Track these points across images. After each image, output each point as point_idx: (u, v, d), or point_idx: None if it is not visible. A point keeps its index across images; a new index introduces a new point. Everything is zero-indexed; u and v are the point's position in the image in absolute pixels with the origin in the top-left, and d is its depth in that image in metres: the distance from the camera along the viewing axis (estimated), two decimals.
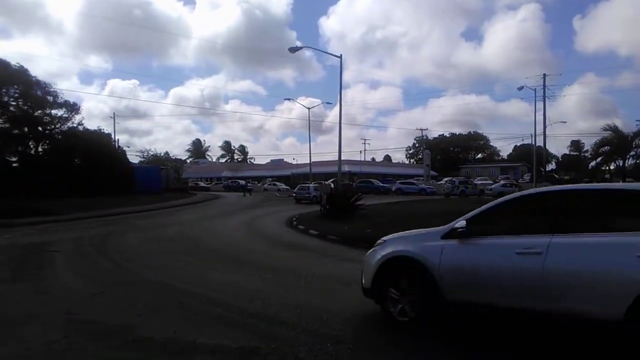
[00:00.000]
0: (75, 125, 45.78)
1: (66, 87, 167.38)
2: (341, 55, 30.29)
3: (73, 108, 45.98)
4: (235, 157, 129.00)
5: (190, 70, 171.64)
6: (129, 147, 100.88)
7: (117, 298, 8.00)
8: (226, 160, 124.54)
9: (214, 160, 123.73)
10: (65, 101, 45.33)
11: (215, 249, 14.08)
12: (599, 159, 30.81)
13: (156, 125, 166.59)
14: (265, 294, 8.07)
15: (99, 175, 40.20)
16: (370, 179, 60.69)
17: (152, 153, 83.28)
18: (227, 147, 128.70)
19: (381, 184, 57.68)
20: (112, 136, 60.11)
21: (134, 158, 69.31)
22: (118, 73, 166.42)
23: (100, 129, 54.48)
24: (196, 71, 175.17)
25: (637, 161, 29.20)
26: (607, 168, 30.52)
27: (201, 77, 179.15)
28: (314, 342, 5.53)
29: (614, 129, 30.09)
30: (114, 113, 68.65)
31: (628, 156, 28.72)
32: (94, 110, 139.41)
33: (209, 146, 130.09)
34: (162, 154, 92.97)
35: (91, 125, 69.98)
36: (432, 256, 5.88)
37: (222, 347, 5.41)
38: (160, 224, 22.01)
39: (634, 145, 28.64)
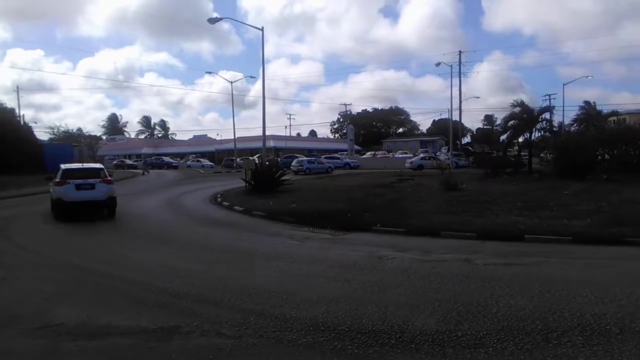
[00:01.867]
0: None
1: None
2: (262, 27, 29.63)
3: None
4: (156, 133, 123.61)
5: (99, 41, 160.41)
6: (36, 123, 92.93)
7: (24, 283, 7.48)
8: (146, 137, 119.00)
9: (133, 136, 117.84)
10: None
11: (136, 227, 13.52)
12: (509, 132, 32.57)
13: (66, 100, 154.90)
14: (187, 272, 7.87)
15: (1, 154, 37.00)
16: (296, 154, 60.78)
17: (63, 129, 77.72)
18: (146, 122, 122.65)
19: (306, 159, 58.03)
20: (17, 111, 55.42)
21: (42, 135, 64.32)
22: (19, 42, 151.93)
23: (1, 104, 49.96)
24: (106, 42, 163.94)
25: (543, 134, 31.32)
26: (517, 141, 32.48)
27: (113, 48, 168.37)
28: (236, 317, 5.50)
29: (521, 104, 31.99)
30: (17, 86, 63.16)
31: (534, 129, 30.72)
32: None
33: (127, 122, 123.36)
34: (74, 131, 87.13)
35: None
36: None
37: (140, 328, 5.24)
38: None
39: (539, 119, 30.67)
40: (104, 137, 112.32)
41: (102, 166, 18.07)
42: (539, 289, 6.38)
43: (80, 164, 19.85)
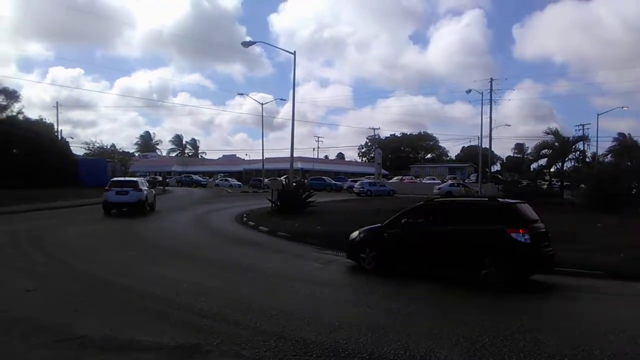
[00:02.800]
0: (14, 113, 43.42)
1: (3, 75, 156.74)
2: (295, 52, 30.19)
3: (12, 96, 43.59)
4: (187, 152, 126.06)
5: (135, 61, 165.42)
6: (72, 138, 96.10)
7: (53, 294, 7.65)
8: (177, 155, 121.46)
9: (164, 154, 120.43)
10: (4, 88, 42.91)
11: (162, 244, 13.71)
12: (541, 161, 32.04)
13: (101, 117, 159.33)
14: (210, 290, 7.92)
15: (39, 167, 38.27)
16: (323, 177, 60.84)
17: (97, 145, 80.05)
18: (178, 140, 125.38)
19: (333, 182, 57.89)
20: (55, 127, 57.39)
21: (78, 150, 66.22)
22: (60, 61, 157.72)
23: (41, 119, 51.87)
24: (142, 63, 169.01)
25: (575, 164, 30.67)
26: (548, 170, 31.86)
27: (148, 69, 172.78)
28: (257, 339, 5.47)
29: (555, 133, 31.44)
30: (56, 102, 65.31)
31: (567, 159, 30.12)
32: (35, 99, 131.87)
33: (160, 140, 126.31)
34: (108, 147, 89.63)
35: (32, 114, 66.15)
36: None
37: (161, 345, 5.27)
38: (104, 218, 21.20)
39: (572, 149, 30.06)
40: (136, 154, 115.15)
41: (137, 179, 24.82)
42: (570, 324, 6.18)
43: (123, 178, 27.68)
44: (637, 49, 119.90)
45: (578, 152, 30.43)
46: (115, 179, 25.27)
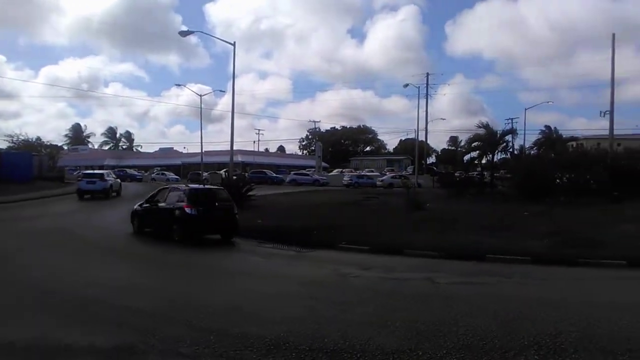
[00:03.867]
0: None
1: None
2: (234, 42, 29.69)
3: None
4: (121, 145, 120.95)
5: (63, 49, 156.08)
6: None
7: None
8: (110, 148, 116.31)
9: (96, 147, 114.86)
10: None
11: (94, 242, 13.13)
12: (473, 153, 33.45)
13: (26, 108, 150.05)
14: (146, 289, 7.69)
15: None
16: (264, 170, 60.18)
17: (22, 138, 75.18)
18: (111, 133, 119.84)
19: (275, 175, 57.22)
20: None
21: (0, 143, 62.00)
22: None
23: None
24: (70, 51, 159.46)
25: (505, 156, 32.35)
26: (479, 162, 33.36)
27: (76, 57, 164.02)
28: (196, 336, 5.36)
29: (486, 126, 32.92)
30: None
31: (497, 151, 31.65)
32: None
33: (92, 133, 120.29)
34: (33, 140, 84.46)
35: None
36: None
37: (96, 347, 5.04)
38: (29, 216, 19.98)
39: (502, 142, 31.63)
40: (65, 147, 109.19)
41: (103, 172, 33.07)
42: (498, 308, 6.51)
43: (92, 171, 37.48)
44: (559, 47, 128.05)
45: (506, 145, 32.06)
46: (86, 171, 35.93)
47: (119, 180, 33.61)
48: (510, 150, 32.62)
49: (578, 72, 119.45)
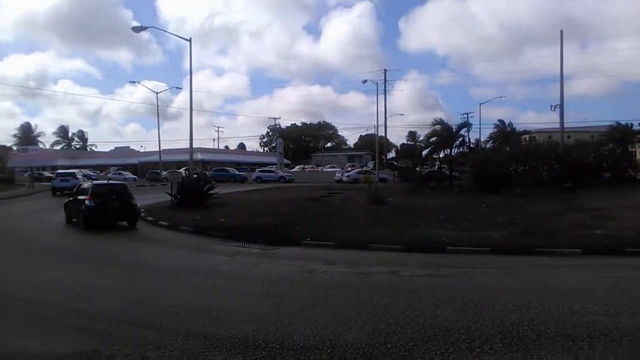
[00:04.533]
0: None
1: None
2: (190, 38, 29.07)
3: None
4: (73, 144, 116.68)
5: (6, 46, 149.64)
6: None
7: None
8: (62, 147, 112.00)
9: (47, 147, 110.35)
10: None
11: (48, 245, 12.67)
12: (430, 148, 34.11)
13: None
14: (107, 292, 7.45)
15: None
16: (226, 167, 59.19)
17: None
18: (63, 132, 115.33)
19: (237, 172, 56.14)
20: None
21: None
22: None
23: None
24: (14, 47, 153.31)
25: (461, 150, 33.10)
26: (437, 156, 34.05)
27: (22, 53, 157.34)
28: (162, 338, 5.24)
29: (441, 122, 33.65)
30: None
31: (454, 146, 32.40)
32: None
33: (42, 132, 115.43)
34: None
35: None
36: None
37: (56, 356, 4.87)
38: None
39: (458, 136, 32.39)
40: (14, 148, 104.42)
41: (75, 171, 39.60)
42: (462, 299, 6.65)
43: (65, 171, 40.76)
44: (508, 44, 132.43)
45: (463, 139, 32.82)
46: (59, 171, 42.18)
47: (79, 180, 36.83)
48: (467, 144, 33.38)
49: (526, 68, 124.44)
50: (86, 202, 15.57)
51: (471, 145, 34.05)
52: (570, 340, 4.98)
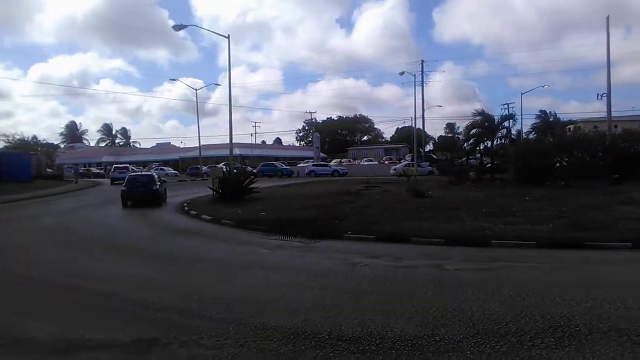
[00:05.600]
0: None
1: None
2: (229, 35, 29.57)
3: None
4: (117, 142, 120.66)
5: (50, 48, 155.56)
6: None
7: None
8: (107, 145, 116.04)
9: (93, 144, 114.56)
10: None
11: (100, 239, 13.17)
12: (471, 140, 33.41)
13: (17, 107, 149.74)
14: (160, 283, 7.76)
15: None
16: (274, 162, 59.26)
17: (18, 138, 74.97)
18: (107, 130, 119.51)
19: (285, 167, 56.10)
20: None
21: None
22: None
23: None
24: (58, 49, 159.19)
25: (503, 142, 32.25)
26: (479, 148, 33.29)
27: (66, 55, 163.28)
28: (215, 328, 5.44)
29: (482, 114, 32.87)
30: None
31: (496, 138, 31.62)
32: None
33: (87, 130, 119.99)
34: (29, 139, 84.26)
35: None
36: None
37: (116, 342, 5.12)
38: (33, 214, 20.04)
39: (500, 128, 31.60)
40: (62, 146, 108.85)
41: (128, 166, 50.47)
42: (510, 293, 6.59)
43: (121, 166, 50.29)
44: (548, 32, 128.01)
45: (505, 130, 31.99)
46: (116, 165, 52.49)
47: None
48: (509, 135, 32.50)
49: (568, 56, 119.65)
50: (122, 187, 22.86)
51: (513, 137, 33.16)
52: (625, 335, 4.87)
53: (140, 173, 30.61)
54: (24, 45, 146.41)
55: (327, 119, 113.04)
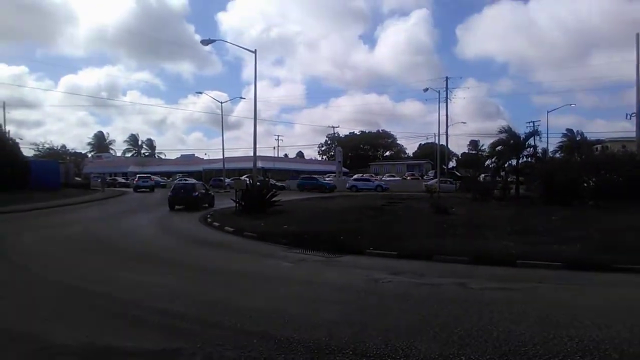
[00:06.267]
0: None
1: None
2: (255, 50, 30.01)
3: None
4: (143, 152, 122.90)
5: (80, 60, 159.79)
6: (21, 139, 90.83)
7: (20, 303, 7.36)
8: (132, 155, 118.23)
9: (119, 154, 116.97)
10: None
11: (126, 248, 13.39)
12: (495, 157, 33.06)
13: (47, 116, 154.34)
14: (184, 293, 7.84)
15: None
16: (315, 176, 58.18)
17: (47, 146, 76.94)
18: (133, 140, 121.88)
19: (326, 181, 54.40)
20: (2, 127, 54.80)
21: (26, 151, 63.57)
22: (1, 59, 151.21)
23: None
24: (87, 61, 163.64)
25: (528, 160, 31.80)
26: (503, 166, 32.91)
27: (94, 67, 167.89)
28: (239, 339, 5.48)
29: (508, 130, 32.52)
30: (3, 102, 62.47)
31: (521, 155, 31.22)
32: None
33: (113, 140, 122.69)
34: (58, 147, 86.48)
35: None
36: None
37: (142, 350, 5.20)
38: (62, 222, 20.47)
39: (526, 145, 31.22)
40: (89, 155, 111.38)
41: (150, 175, 58.40)
42: (537, 314, 6.47)
43: (143, 175, 57.39)
44: (572, 49, 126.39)
45: (531, 148, 31.58)
46: (139, 175, 58.66)
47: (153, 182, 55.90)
48: (534, 154, 32.01)
49: (594, 74, 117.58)
50: (169, 193, 28.31)
51: (539, 155, 32.68)
52: None
53: (183, 182, 34.11)
54: (54, 57, 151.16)
55: (349, 133, 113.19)
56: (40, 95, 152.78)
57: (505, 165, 33.05)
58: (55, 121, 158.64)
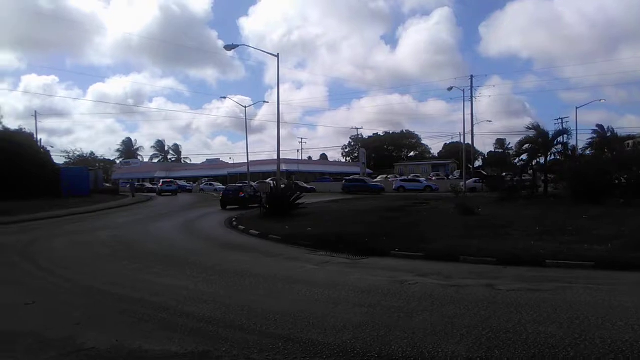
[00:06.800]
0: None
1: None
2: (278, 54, 30.22)
3: None
4: (169, 157, 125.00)
5: (107, 68, 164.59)
6: (52, 147, 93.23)
7: (51, 307, 7.58)
8: (159, 160, 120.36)
9: (146, 160, 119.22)
10: None
11: (153, 251, 13.62)
12: (523, 156, 32.41)
13: (77, 125, 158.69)
14: (211, 297, 7.93)
15: (21, 177, 37.60)
16: (364, 178, 57.57)
17: (77, 153, 78.87)
18: (160, 146, 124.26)
19: (374, 184, 53.91)
20: (34, 136, 56.46)
21: (57, 159, 65.34)
22: (32, 70, 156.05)
23: (21, 129, 51.12)
24: (114, 70, 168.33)
25: (557, 158, 31.08)
26: (531, 164, 32.21)
27: (121, 75, 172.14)
28: (265, 342, 5.52)
29: (536, 128, 31.80)
30: (35, 111, 64.42)
31: (549, 153, 30.52)
32: (7, 109, 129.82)
33: (141, 146, 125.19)
34: (87, 155, 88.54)
35: (10, 124, 65.03)
36: None
37: (170, 353, 5.28)
38: (92, 227, 20.97)
39: (555, 143, 30.48)
40: (117, 161, 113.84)
41: (173, 180, 66.49)
42: (567, 315, 6.33)
43: (167, 180, 65.49)
44: (600, 44, 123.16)
45: (560, 146, 30.84)
46: (163, 180, 64.63)
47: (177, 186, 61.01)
48: (563, 151, 31.24)
49: (623, 69, 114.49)
50: (222, 193, 33.82)
51: (568, 152, 31.92)
52: None
53: (233, 185, 40.82)
54: (83, 66, 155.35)
55: (373, 134, 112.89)
56: (70, 104, 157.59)
57: (534, 163, 32.39)
58: (84, 129, 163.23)
